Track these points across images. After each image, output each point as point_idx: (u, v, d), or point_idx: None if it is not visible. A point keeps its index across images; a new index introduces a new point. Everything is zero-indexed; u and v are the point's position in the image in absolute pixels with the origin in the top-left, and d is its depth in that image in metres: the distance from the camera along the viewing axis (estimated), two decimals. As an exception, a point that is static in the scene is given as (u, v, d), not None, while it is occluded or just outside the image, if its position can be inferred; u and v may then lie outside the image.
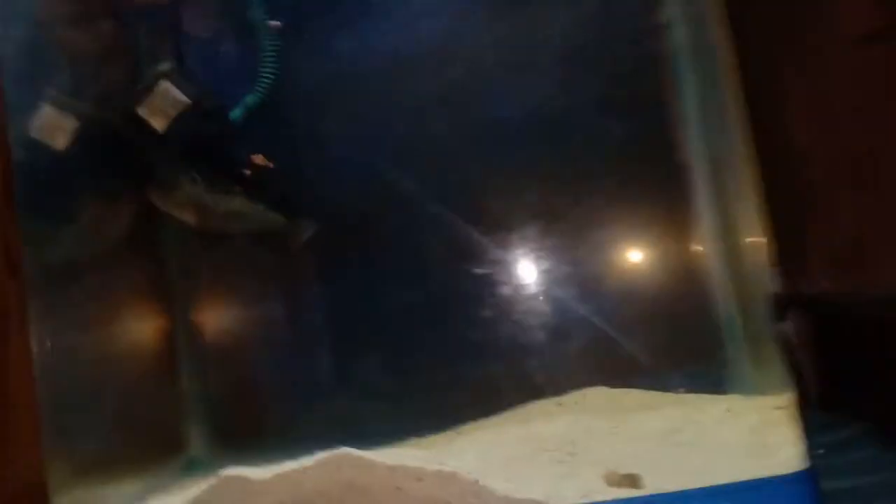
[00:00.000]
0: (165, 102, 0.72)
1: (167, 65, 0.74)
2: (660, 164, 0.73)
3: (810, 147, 0.85)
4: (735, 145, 0.68)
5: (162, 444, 0.78)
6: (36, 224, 0.71)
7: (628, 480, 0.55)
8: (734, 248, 0.71)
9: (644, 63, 0.72)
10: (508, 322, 0.74)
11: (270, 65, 0.77)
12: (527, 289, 0.75)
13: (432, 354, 0.77)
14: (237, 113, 0.77)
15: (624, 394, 0.71)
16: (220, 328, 0.82)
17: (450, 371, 0.76)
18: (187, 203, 0.78)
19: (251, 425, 0.79)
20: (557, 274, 0.74)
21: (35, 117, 0.71)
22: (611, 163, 0.75)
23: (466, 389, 0.75)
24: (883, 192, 0.78)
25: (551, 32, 0.75)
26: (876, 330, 0.76)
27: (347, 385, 0.77)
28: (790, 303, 0.92)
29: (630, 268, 0.78)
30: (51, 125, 0.71)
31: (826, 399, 0.81)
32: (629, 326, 0.72)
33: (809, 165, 0.86)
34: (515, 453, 0.61)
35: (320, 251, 0.80)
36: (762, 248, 0.68)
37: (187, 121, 0.73)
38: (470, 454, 0.61)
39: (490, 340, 0.75)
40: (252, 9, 0.77)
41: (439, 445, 0.67)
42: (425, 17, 0.77)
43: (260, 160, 0.79)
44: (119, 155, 0.77)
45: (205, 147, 0.77)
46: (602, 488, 0.55)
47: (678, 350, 0.72)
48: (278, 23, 0.77)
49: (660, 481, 0.55)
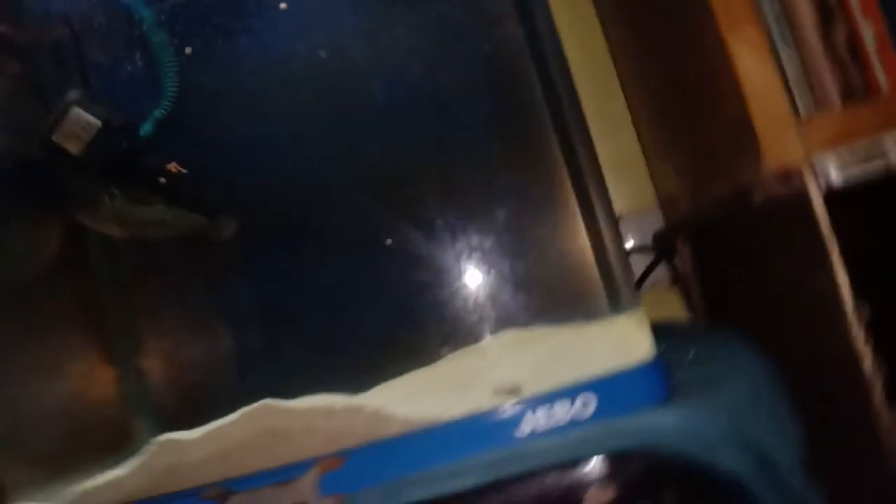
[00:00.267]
0: (78, 127, 0.79)
1: (76, 93, 0.80)
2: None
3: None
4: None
5: (110, 443, 0.83)
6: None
7: (511, 390, 0.63)
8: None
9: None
10: (423, 288, 0.81)
11: (171, 79, 0.83)
12: (433, 259, 0.82)
13: (354, 325, 0.84)
14: (147, 127, 0.84)
15: (528, 331, 0.79)
16: (157, 327, 0.88)
17: (372, 339, 0.83)
18: (110, 217, 0.84)
19: (192, 410, 0.85)
20: (459, 244, 0.82)
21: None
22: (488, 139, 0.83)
23: (391, 350, 0.82)
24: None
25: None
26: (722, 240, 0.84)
27: (277, 362, 0.83)
28: (672, 235, 1.00)
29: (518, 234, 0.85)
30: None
31: (711, 312, 0.89)
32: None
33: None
34: (420, 388, 0.68)
35: (242, 244, 0.86)
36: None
37: (101, 141, 0.79)
38: (378, 393, 0.67)
39: (407, 306, 0.81)
40: (147, 28, 0.83)
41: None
42: (307, 27, 0.85)
43: (174, 168, 0.85)
44: (41, 181, 0.83)
45: (121, 163, 0.84)
46: (490, 400, 0.63)
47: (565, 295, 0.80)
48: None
49: (539, 387, 0.62)
